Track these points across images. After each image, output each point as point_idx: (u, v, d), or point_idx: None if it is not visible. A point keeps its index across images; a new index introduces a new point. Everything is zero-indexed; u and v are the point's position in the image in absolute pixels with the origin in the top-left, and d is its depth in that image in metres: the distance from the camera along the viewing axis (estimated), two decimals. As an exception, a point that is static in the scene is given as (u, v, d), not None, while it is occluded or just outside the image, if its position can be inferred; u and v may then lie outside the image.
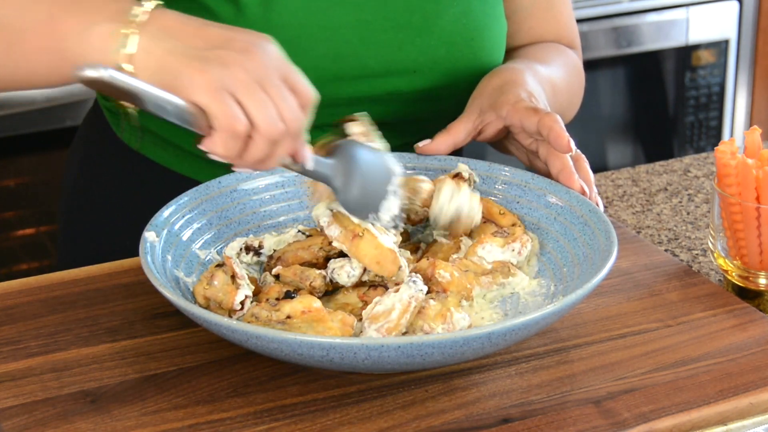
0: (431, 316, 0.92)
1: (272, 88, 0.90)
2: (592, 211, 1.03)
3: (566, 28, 1.36)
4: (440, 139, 1.14)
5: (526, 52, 1.31)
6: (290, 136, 0.91)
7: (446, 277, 0.97)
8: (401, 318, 0.91)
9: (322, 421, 0.88)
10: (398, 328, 0.91)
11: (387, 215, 1.01)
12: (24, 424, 0.87)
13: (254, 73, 0.89)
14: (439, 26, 1.19)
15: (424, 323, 0.92)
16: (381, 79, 1.19)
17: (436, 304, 0.93)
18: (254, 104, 0.89)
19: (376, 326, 0.91)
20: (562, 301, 0.89)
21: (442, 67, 1.20)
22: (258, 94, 0.89)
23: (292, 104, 0.91)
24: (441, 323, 0.92)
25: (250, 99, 0.89)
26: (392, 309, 0.91)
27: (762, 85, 2.72)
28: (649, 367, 0.94)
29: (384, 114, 1.21)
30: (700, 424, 0.89)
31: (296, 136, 0.92)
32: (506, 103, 1.12)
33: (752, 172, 1.04)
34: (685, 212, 1.29)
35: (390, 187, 1.01)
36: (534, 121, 1.08)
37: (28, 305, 1.03)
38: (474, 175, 1.10)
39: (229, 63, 0.89)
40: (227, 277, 0.96)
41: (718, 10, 2.61)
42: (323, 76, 1.16)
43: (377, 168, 1.02)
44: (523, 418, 0.88)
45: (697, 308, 1.03)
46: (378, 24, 1.17)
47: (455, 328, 0.93)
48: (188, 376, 0.93)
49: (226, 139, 0.89)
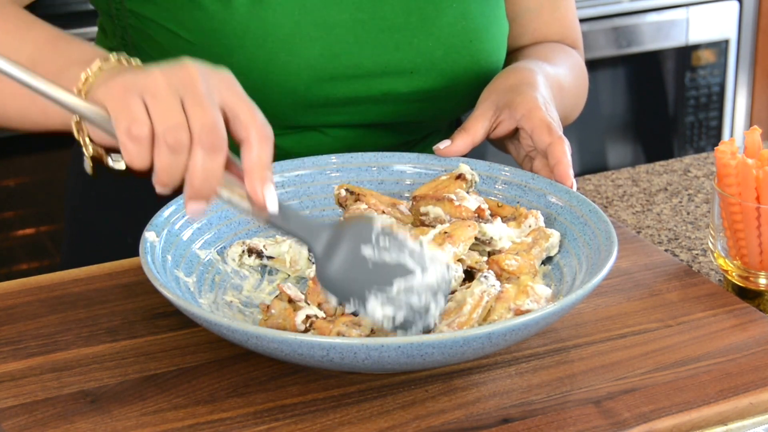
0: (513, 296, 0.93)
1: (192, 98, 0.82)
2: (592, 211, 1.03)
3: (570, 29, 1.36)
4: (460, 140, 1.12)
5: (532, 51, 1.30)
6: (197, 148, 0.82)
7: (513, 263, 0.98)
8: (473, 312, 0.92)
9: (322, 421, 0.88)
10: (470, 322, 0.91)
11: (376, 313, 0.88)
12: (24, 424, 0.87)
13: (177, 81, 0.82)
14: (437, 27, 1.19)
15: (509, 303, 0.93)
16: (378, 80, 1.18)
17: (512, 286, 0.94)
18: (158, 107, 0.81)
19: (447, 321, 0.92)
20: (562, 301, 0.89)
21: (440, 68, 1.20)
22: (167, 99, 0.81)
23: (211, 119, 0.82)
24: (526, 298, 0.93)
25: (155, 101, 0.81)
26: (464, 304, 0.92)
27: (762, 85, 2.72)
28: (649, 367, 0.94)
29: (381, 115, 1.21)
30: (700, 424, 0.89)
31: (204, 150, 0.82)
32: (522, 105, 1.11)
33: (752, 172, 1.04)
34: (685, 212, 1.29)
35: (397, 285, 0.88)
36: (545, 141, 1.08)
37: (28, 305, 1.03)
38: (476, 176, 1.10)
39: (153, 71, 0.83)
40: (284, 303, 0.94)
41: (718, 10, 2.61)
42: (318, 75, 1.16)
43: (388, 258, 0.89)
44: (523, 418, 0.88)
45: (697, 308, 1.03)
46: (374, 24, 1.17)
47: (541, 298, 0.93)
48: (188, 376, 0.93)
49: (126, 142, 0.82)
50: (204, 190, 0.84)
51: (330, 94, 1.17)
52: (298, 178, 1.13)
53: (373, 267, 0.88)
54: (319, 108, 1.18)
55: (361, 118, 1.21)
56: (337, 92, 1.17)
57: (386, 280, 0.88)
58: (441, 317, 0.91)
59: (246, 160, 0.85)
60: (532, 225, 1.03)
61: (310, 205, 1.13)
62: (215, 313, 0.97)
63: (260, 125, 0.85)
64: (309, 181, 1.13)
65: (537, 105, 1.10)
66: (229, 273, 1.04)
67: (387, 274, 0.88)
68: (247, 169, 0.85)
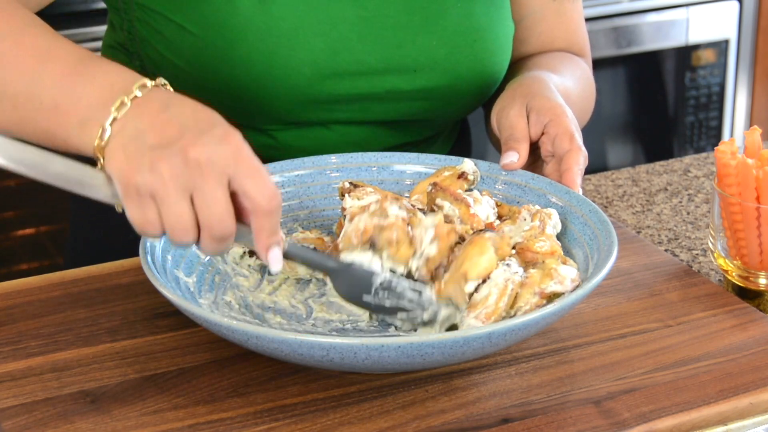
0: (538, 280, 0.93)
1: (201, 194, 0.86)
2: (592, 211, 1.03)
3: (577, 35, 1.34)
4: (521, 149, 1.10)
5: (538, 61, 1.29)
6: (207, 238, 0.88)
7: (545, 246, 0.97)
8: (499, 302, 0.92)
9: (322, 421, 0.88)
10: (497, 312, 0.91)
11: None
12: (24, 424, 0.87)
13: (186, 178, 0.86)
14: (440, 26, 1.19)
15: (534, 287, 0.93)
16: (380, 77, 1.19)
17: (537, 271, 0.94)
18: (167, 212, 0.87)
19: (475, 314, 0.92)
20: (562, 301, 0.89)
21: (443, 67, 1.20)
22: (176, 205, 0.86)
23: (218, 214, 0.87)
24: (550, 281, 0.93)
25: (164, 207, 0.87)
26: (489, 294, 0.92)
27: (762, 85, 2.72)
28: (649, 367, 0.95)
29: (385, 113, 1.21)
30: (700, 424, 0.89)
31: (214, 240, 0.88)
32: (550, 111, 1.10)
33: (752, 172, 1.04)
34: (685, 212, 1.29)
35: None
36: (564, 148, 1.08)
37: (28, 305, 1.03)
38: (478, 174, 1.10)
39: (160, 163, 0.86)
40: None
41: (718, 10, 2.61)
42: (321, 71, 1.16)
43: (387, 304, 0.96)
44: (523, 418, 0.88)
45: (697, 308, 1.03)
46: (377, 21, 1.17)
47: (565, 279, 0.93)
48: (188, 376, 0.93)
49: (140, 233, 0.89)
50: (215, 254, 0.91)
51: (332, 91, 1.17)
52: (298, 178, 1.13)
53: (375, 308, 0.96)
54: (322, 104, 1.18)
55: (365, 116, 1.21)
56: (339, 89, 1.17)
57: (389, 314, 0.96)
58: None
59: (254, 226, 0.89)
60: (527, 218, 1.03)
61: (310, 205, 1.13)
62: (215, 313, 0.97)
63: (267, 198, 0.88)
64: (309, 181, 1.13)
65: (564, 112, 1.10)
66: (229, 273, 1.04)
67: (388, 312, 0.96)
68: (255, 234, 0.89)
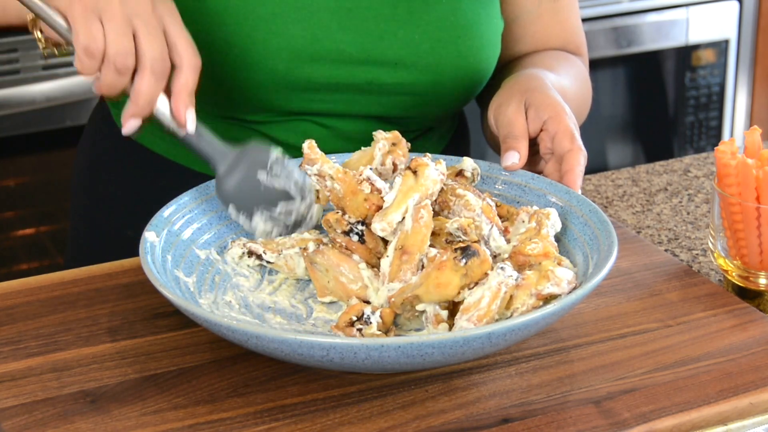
0: (534, 282, 0.93)
1: (144, 27, 0.97)
2: (592, 211, 1.03)
3: (573, 34, 1.33)
4: (521, 147, 1.10)
5: (534, 60, 1.28)
6: (147, 73, 0.97)
7: (536, 248, 0.97)
8: (491, 305, 0.91)
9: (322, 421, 0.88)
10: (489, 314, 0.91)
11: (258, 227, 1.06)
12: (24, 424, 0.87)
13: (132, 9, 0.97)
14: (424, 21, 1.19)
15: (530, 289, 0.93)
16: (360, 67, 1.18)
17: (534, 273, 0.94)
18: (113, 32, 0.96)
19: (467, 316, 0.91)
20: (562, 301, 0.89)
21: (426, 62, 1.20)
22: (121, 26, 0.97)
23: (156, 47, 0.98)
24: (546, 282, 0.93)
25: (110, 26, 0.96)
26: (482, 297, 0.92)
27: (762, 85, 2.72)
28: (649, 367, 0.95)
29: (367, 106, 1.21)
30: (700, 424, 0.89)
31: (154, 76, 0.98)
32: (549, 108, 1.10)
33: (752, 172, 1.04)
34: (685, 212, 1.29)
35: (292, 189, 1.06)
36: (565, 147, 1.08)
37: (28, 305, 1.03)
38: (477, 171, 1.10)
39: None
40: None
41: (718, 10, 2.61)
42: (299, 56, 1.16)
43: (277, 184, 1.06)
44: (523, 418, 0.88)
45: (697, 308, 1.03)
46: (359, 12, 1.17)
47: (562, 281, 0.93)
48: (188, 376, 0.93)
49: (82, 56, 0.97)
50: (145, 109, 1.00)
51: (310, 77, 1.17)
52: (298, 178, 1.13)
53: (264, 190, 1.05)
54: (302, 92, 1.18)
55: (349, 108, 1.21)
56: (317, 75, 1.17)
57: (272, 202, 1.05)
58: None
59: (175, 84, 1.01)
60: (525, 219, 1.03)
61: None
62: (215, 313, 0.97)
63: (191, 55, 1.01)
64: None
65: (564, 109, 1.10)
66: (229, 273, 1.04)
67: (273, 197, 1.05)
68: (175, 92, 1.01)
